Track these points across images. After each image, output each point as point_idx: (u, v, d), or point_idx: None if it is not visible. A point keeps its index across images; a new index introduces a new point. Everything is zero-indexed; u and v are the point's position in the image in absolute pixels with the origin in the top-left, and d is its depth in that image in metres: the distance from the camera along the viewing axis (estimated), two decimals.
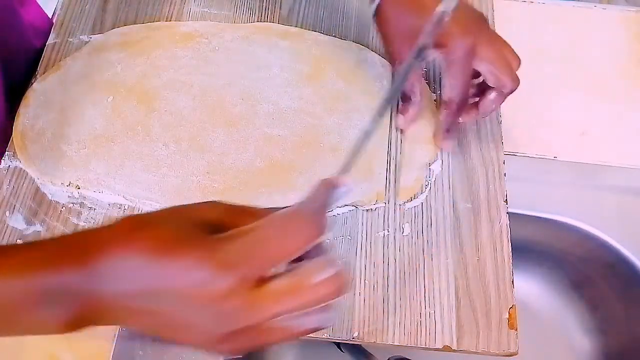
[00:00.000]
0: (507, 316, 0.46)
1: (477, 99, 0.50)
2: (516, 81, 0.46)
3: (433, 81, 0.57)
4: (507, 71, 0.46)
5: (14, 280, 0.29)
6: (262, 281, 0.28)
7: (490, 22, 0.60)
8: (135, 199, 0.50)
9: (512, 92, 0.47)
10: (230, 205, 0.31)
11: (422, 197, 0.51)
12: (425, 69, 0.57)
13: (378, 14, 0.49)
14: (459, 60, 0.45)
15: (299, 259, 0.29)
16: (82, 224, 0.49)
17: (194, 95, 0.54)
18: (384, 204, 0.50)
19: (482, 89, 0.49)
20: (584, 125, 0.61)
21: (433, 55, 0.45)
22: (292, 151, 0.52)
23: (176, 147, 0.51)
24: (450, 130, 0.51)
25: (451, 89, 0.47)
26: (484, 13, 0.60)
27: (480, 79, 0.49)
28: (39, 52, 0.57)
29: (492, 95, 0.48)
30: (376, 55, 0.57)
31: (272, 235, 0.29)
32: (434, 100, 0.56)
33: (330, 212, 0.50)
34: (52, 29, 0.58)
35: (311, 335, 0.45)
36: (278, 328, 0.29)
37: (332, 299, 0.29)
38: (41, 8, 0.63)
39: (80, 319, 0.29)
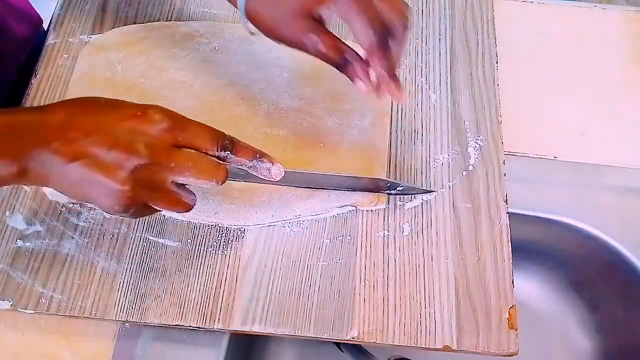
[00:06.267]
0: (507, 316, 0.46)
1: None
2: (403, 19, 0.44)
3: (433, 81, 0.57)
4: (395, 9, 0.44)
5: None
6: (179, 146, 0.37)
7: (490, 22, 0.60)
8: None
9: (404, 30, 0.44)
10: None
11: (422, 197, 0.51)
12: (425, 69, 0.57)
13: (250, 12, 0.45)
14: (348, 4, 0.43)
15: None
16: (82, 224, 0.49)
17: (194, 95, 0.54)
18: (383, 205, 0.50)
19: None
20: (584, 125, 0.61)
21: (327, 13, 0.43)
22: (292, 151, 0.52)
23: None
24: (392, 75, 0.46)
25: (361, 33, 0.43)
26: (484, 13, 0.61)
27: None
28: (21, 39, 0.58)
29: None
30: None
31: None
32: (434, 101, 0.56)
33: (329, 213, 0.50)
34: (52, 29, 0.58)
35: (312, 335, 0.45)
36: (172, 192, 0.38)
37: (214, 179, 0.38)
38: None
39: (24, 169, 0.35)
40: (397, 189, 0.50)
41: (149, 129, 0.36)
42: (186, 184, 0.39)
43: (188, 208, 0.39)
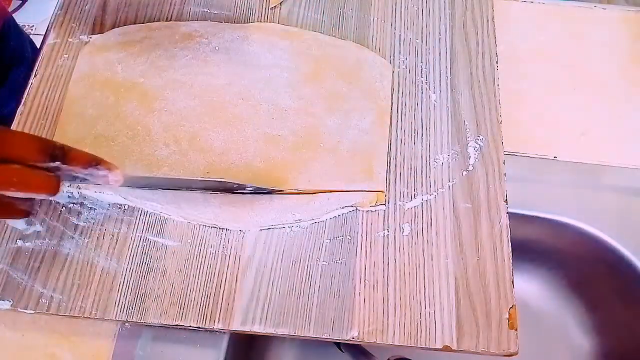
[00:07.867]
0: (507, 316, 0.47)
1: None
2: None
3: (433, 81, 0.57)
4: None
5: None
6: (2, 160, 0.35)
7: (490, 22, 0.60)
8: (136, 200, 0.50)
9: None
10: None
11: (422, 197, 0.51)
12: (425, 69, 0.57)
13: None
14: None
15: None
16: (82, 224, 0.49)
17: (194, 95, 0.54)
18: (383, 206, 0.50)
19: None
20: (584, 125, 0.61)
21: None
22: (292, 151, 0.52)
23: (176, 147, 0.51)
24: None
25: None
26: (484, 13, 0.61)
27: None
28: None
29: None
30: (376, 55, 0.57)
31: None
32: (434, 101, 0.56)
33: (329, 214, 0.50)
34: (52, 29, 0.58)
35: (312, 335, 0.45)
36: (2, 204, 0.38)
37: (42, 192, 0.37)
38: None
39: None
40: (246, 189, 0.49)
41: None
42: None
43: (24, 214, 0.39)
